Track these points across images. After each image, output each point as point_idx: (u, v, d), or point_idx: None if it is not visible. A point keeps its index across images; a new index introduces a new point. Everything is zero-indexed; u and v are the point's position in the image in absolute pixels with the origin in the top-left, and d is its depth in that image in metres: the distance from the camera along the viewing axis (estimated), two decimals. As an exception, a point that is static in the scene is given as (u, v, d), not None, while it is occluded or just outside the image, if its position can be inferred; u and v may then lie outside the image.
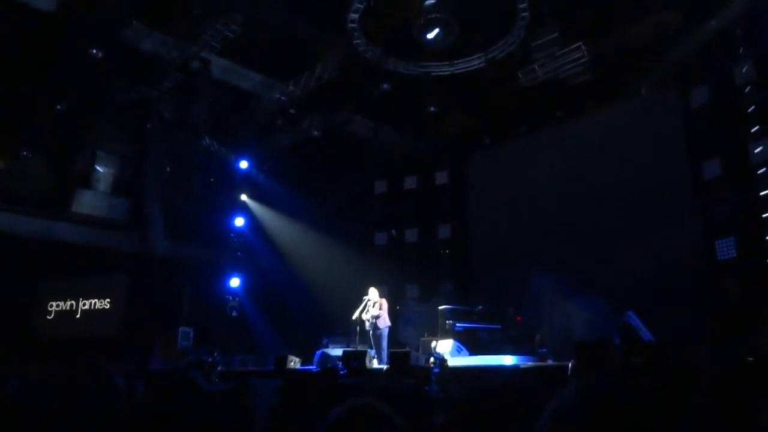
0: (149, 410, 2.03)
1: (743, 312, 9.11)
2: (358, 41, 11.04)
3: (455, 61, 11.59)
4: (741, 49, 9.93)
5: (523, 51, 11.16)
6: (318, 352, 10.33)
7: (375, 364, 9.76)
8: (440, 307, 11.19)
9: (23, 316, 12.81)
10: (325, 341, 12.05)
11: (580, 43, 10.54)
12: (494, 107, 12.87)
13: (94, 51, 10.82)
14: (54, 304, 13.43)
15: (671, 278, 10.14)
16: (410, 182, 15.39)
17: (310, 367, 9.87)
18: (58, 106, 12.15)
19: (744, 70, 9.91)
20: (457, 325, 10.78)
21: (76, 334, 12.88)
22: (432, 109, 13.32)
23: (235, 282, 14.64)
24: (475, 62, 11.57)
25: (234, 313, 14.37)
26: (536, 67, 11.00)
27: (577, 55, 10.67)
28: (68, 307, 13.41)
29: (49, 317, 13.38)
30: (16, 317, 12.33)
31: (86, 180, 13.59)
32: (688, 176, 10.74)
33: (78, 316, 13.33)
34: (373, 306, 10.44)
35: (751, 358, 6.26)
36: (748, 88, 9.85)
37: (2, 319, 11.48)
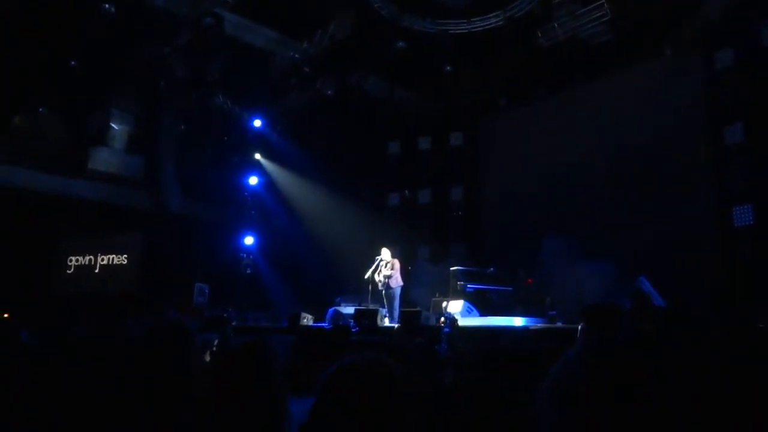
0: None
1: (757, 279, 9.07)
2: (374, -3, 10.81)
3: (473, 19, 11.31)
4: (770, 9, 9.59)
5: (542, 9, 10.86)
6: (330, 310, 10.47)
7: (386, 322, 9.91)
8: (452, 268, 11.24)
9: (43, 270, 13.12)
10: (337, 300, 12.21)
11: (603, 1, 10.21)
12: (511, 68, 12.60)
13: (107, 6, 10.71)
14: (73, 258, 13.72)
15: (686, 244, 10.07)
16: (424, 143, 15.28)
17: (323, 324, 10.04)
18: (72, 63, 12.11)
19: (772, 31, 9.59)
20: (468, 286, 10.85)
21: (94, 288, 13.18)
22: (448, 68, 13.09)
23: (249, 240, 14.81)
24: (493, 20, 11.28)
25: (248, 271, 14.57)
26: (556, 25, 10.72)
27: (599, 14, 10.37)
28: (87, 262, 13.69)
29: (69, 271, 13.69)
30: (36, 271, 12.63)
31: (102, 137, 13.68)
32: (709, 141, 10.53)
33: (97, 270, 13.62)
34: (386, 266, 10.51)
35: (762, 325, 6.26)
36: (776, 50, 9.55)
37: (23, 273, 11.76)
